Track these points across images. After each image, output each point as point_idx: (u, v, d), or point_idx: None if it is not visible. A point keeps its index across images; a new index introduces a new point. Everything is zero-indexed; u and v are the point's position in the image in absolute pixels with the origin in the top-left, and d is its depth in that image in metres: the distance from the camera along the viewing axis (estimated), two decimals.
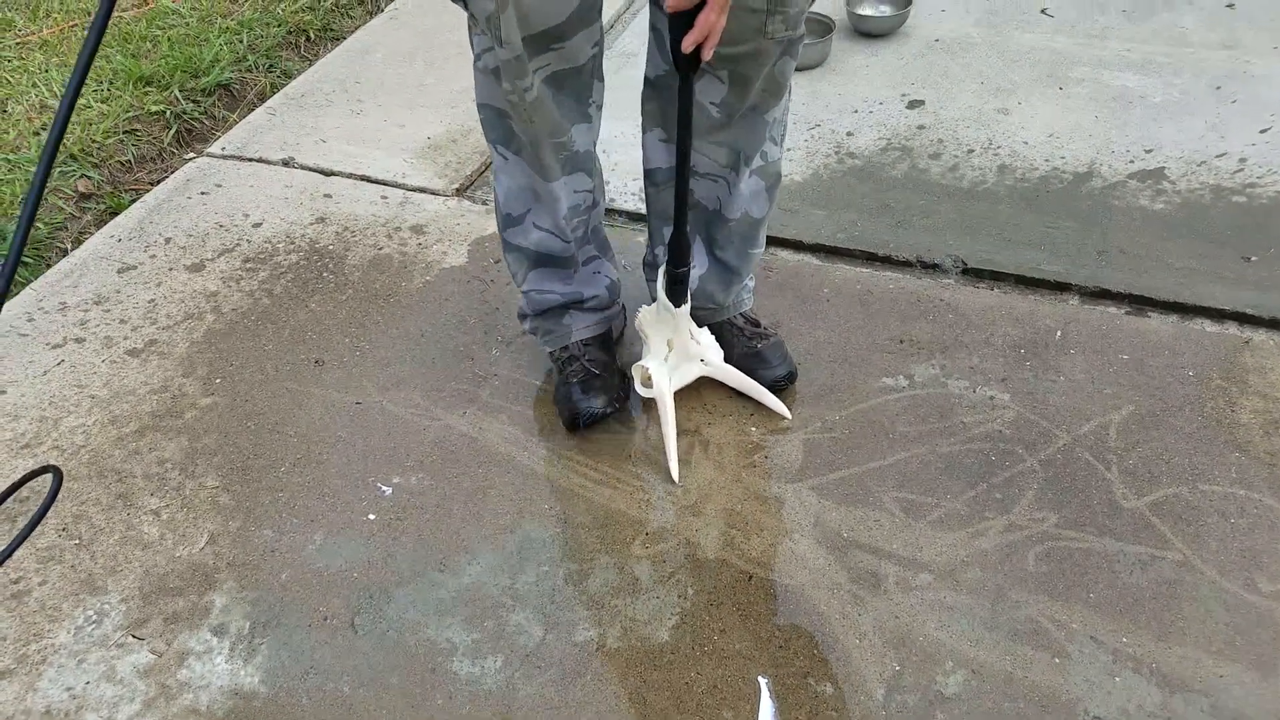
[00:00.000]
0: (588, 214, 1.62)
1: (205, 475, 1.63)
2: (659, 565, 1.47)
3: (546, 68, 1.35)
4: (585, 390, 1.66)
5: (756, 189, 1.59)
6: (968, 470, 1.58)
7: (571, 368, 1.69)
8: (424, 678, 1.35)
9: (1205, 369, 1.72)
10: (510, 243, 1.64)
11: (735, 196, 1.58)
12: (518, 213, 1.59)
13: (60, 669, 1.38)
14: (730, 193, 1.57)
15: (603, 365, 1.70)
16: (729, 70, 1.40)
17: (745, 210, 1.60)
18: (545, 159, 1.48)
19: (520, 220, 1.60)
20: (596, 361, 1.69)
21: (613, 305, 1.77)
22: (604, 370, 1.69)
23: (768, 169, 1.57)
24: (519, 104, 1.38)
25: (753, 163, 1.54)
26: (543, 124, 1.42)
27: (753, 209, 1.61)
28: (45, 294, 1.98)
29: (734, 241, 1.65)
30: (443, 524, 1.55)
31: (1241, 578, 1.40)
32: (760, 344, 1.73)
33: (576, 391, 1.66)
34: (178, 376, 1.81)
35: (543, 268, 1.66)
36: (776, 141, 1.55)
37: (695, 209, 1.62)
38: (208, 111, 2.61)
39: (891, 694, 1.30)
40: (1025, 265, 1.97)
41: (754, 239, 1.66)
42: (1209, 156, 2.23)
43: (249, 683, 1.36)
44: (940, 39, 2.76)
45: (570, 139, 1.47)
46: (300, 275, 2.02)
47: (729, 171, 1.55)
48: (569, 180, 1.53)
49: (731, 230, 1.63)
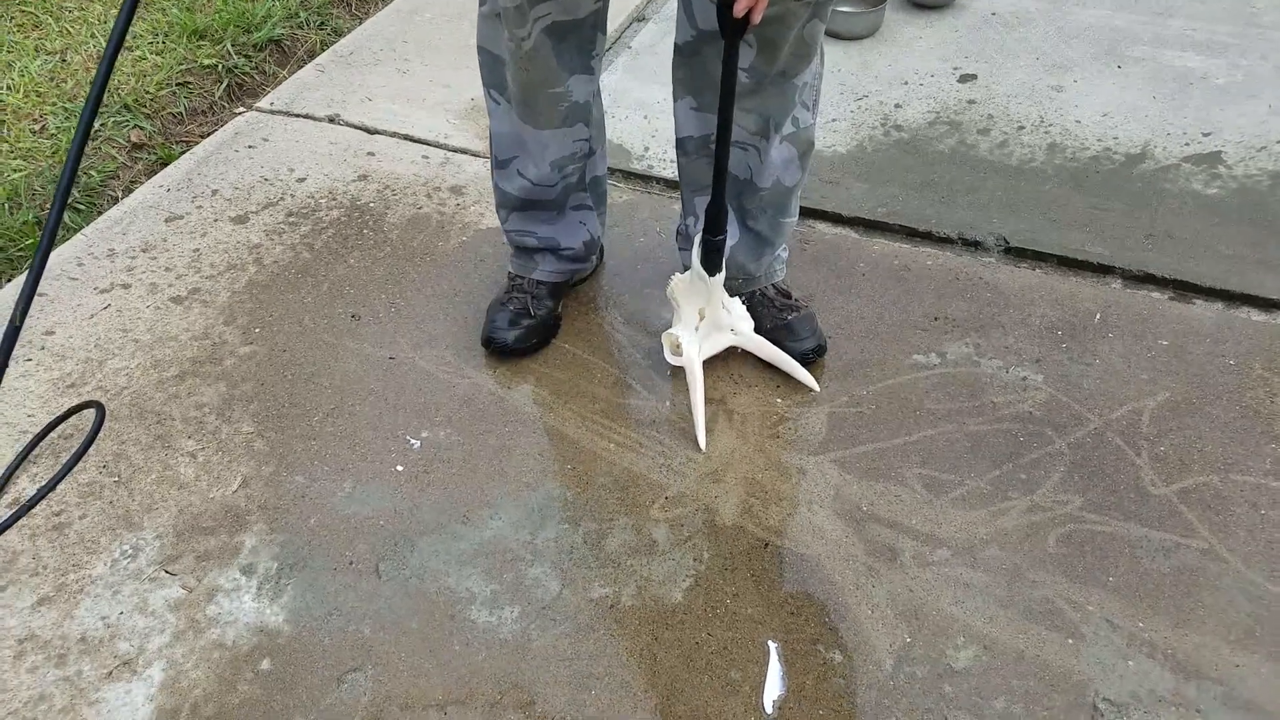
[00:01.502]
0: (583, 161, 1.66)
1: (241, 421, 1.68)
2: (676, 529, 1.49)
3: (546, 17, 1.36)
4: (512, 323, 1.73)
5: (788, 156, 1.58)
6: (994, 450, 1.56)
7: (515, 295, 1.77)
8: (443, 624, 1.39)
9: (1247, 358, 1.67)
10: (497, 184, 1.71)
11: (766, 164, 1.57)
12: (504, 157, 1.65)
13: (96, 599, 1.43)
14: (761, 160, 1.56)
15: (542, 308, 1.76)
16: (756, 34, 1.39)
17: (777, 178, 1.59)
18: (539, 107, 1.51)
19: (506, 165, 1.66)
20: (539, 303, 1.76)
21: (585, 260, 1.81)
22: (540, 312, 1.76)
23: (799, 135, 1.56)
24: (516, 52, 1.40)
25: (783, 129, 1.53)
26: (537, 73, 1.44)
27: (784, 177, 1.60)
28: (95, 240, 2.04)
29: (766, 211, 1.64)
30: (468, 478, 1.58)
31: (1267, 569, 1.37)
32: (790, 316, 1.72)
33: (503, 318, 1.74)
34: (219, 325, 1.85)
35: (525, 211, 1.72)
36: (808, 107, 1.53)
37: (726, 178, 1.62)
38: (258, 66, 2.65)
39: (901, 665, 1.30)
40: (1069, 246, 1.93)
41: (786, 208, 1.65)
42: (1270, 141, 2.16)
43: (274, 621, 1.40)
44: (997, 12, 2.70)
45: (568, 90, 1.48)
46: (341, 231, 2.06)
47: (759, 139, 1.54)
48: (568, 131, 1.55)
49: (763, 199, 1.62)
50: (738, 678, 1.30)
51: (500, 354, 1.75)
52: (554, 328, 1.80)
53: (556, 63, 1.44)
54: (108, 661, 1.36)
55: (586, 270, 1.87)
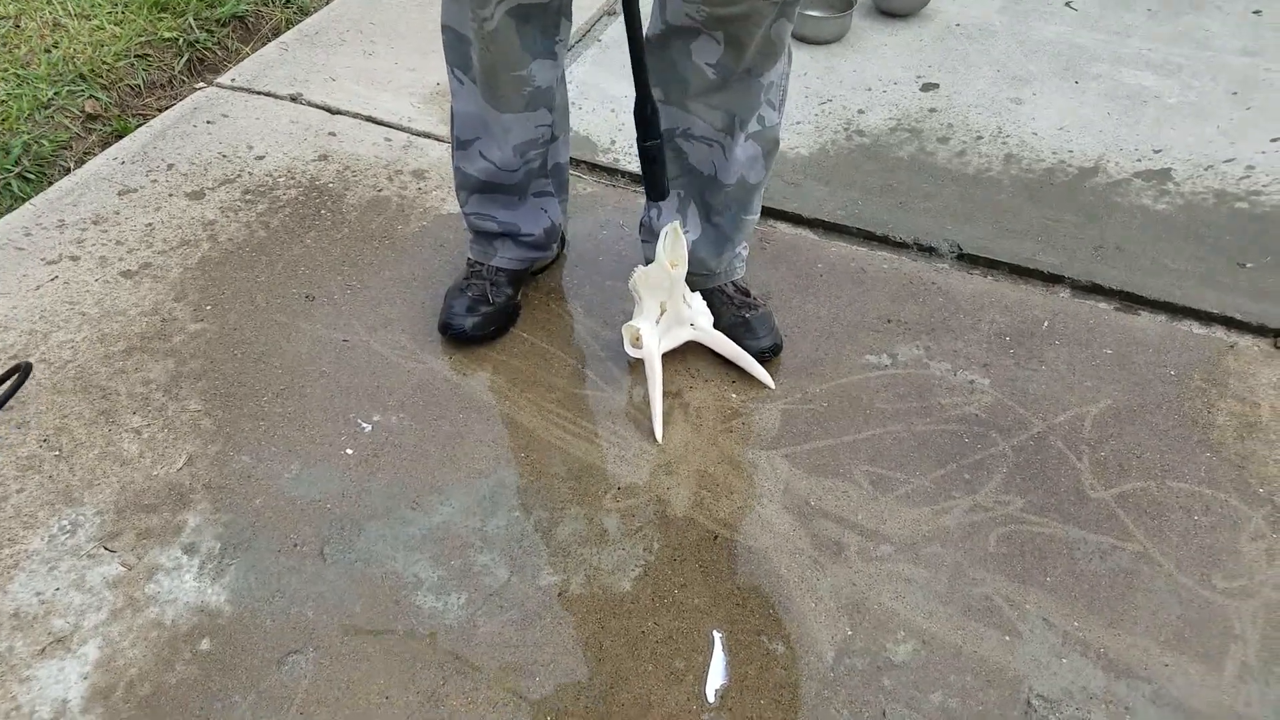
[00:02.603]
0: (545, 147, 1.65)
1: (189, 399, 1.65)
2: (628, 519, 1.49)
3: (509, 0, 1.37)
4: (470, 310, 1.73)
5: (753, 154, 1.59)
6: (940, 450, 1.59)
7: (474, 281, 1.76)
8: (387, 608, 1.38)
9: (1188, 369, 1.72)
10: (457, 166, 1.69)
11: (731, 161, 1.58)
12: (466, 138, 1.64)
13: (31, 574, 1.40)
14: (726, 157, 1.57)
15: (501, 296, 1.76)
16: (724, 31, 1.40)
17: (741, 175, 1.60)
18: (502, 90, 1.51)
19: (467, 147, 1.65)
20: (498, 290, 1.76)
21: (546, 248, 1.81)
22: (498, 300, 1.75)
23: (764, 134, 1.57)
24: (479, 31, 1.40)
25: (749, 127, 1.54)
26: (499, 55, 1.44)
27: (749, 175, 1.61)
28: (44, 210, 1.99)
29: (730, 207, 1.65)
30: (419, 464, 1.57)
31: (1198, 573, 1.41)
32: (749, 314, 1.73)
33: (461, 304, 1.73)
34: (169, 301, 1.82)
35: (485, 194, 1.71)
36: (774, 106, 1.55)
37: (690, 174, 1.63)
38: (220, 42, 2.60)
39: (841, 657, 1.32)
40: (1020, 255, 1.97)
41: (749, 205, 1.66)
42: (1217, 161, 2.22)
43: (215, 601, 1.38)
44: (961, 24, 2.74)
45: (530, 74, 1.48)
46: (298, 210, 2.03)
47: (724, 135, 1.55)
48: (530, 115, 1.55)
49: (728, 195, 1.63)
50: (682, 667, 1.31)
51: (457, 341, 1.74)
52: (513, 315, 1.79)
53: (520, 45, 1.44)
54: (41, 638, 1.33)
55: (547, 258, 1.87)
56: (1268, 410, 1.64)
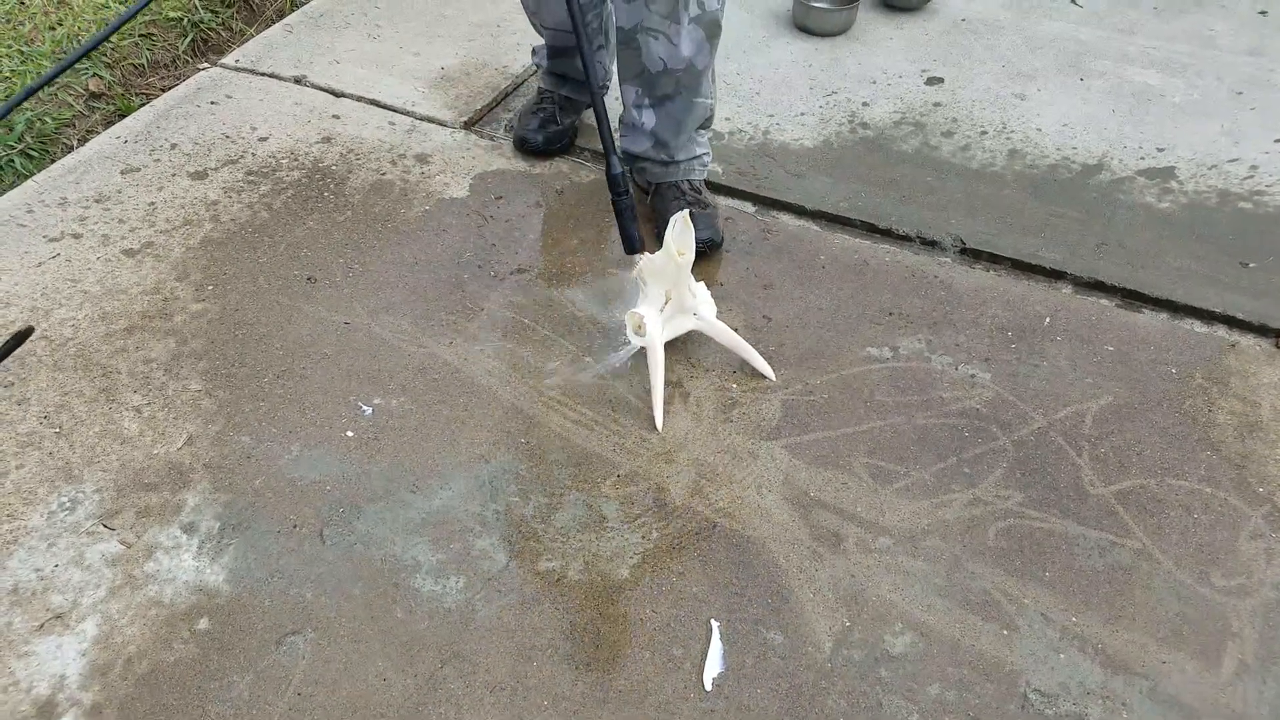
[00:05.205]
0: (600, 7, 1.96)
1: (190, 378, 1.65)
2: (627, 506, 1.49)
3: None
4: (541, 126, 2.10)
5: (698, 39, 1.76)
6: (940, 443, 1.59)
7: (544, 105, 2.13)
8: (386, 591, 1.38)
9: (1189, 367, 1.72)
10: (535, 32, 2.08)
11: (679, 47, 1.75)
12: (531, 9, 2.01)
13: (30, 550, 1.40)
14: (674, 43, 1.74)
15: (566, 120, 2.13)
16: None
17: (690, 61, 1.77)
18: None
19: (535, 15, 2.02)
20: (565, 114, 2.13)
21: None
22: (566, 122, 2.13)
23: (704, 18, 1.74)
24: None
25: (690, 9, 1.71)
26: None
27: (696, 60, 1.78)
28: (47, 188, 1.99)
29: (681, 92, 1.83)
30: (419, 447, 1.57)
31: (1196, 571, 1.42)
32: (696, 209, 1.88)
33: (534, 123, 2.11)
34: (171, 280, 1.82)
35: (556, 59, 2.08)
36: None
37: (643, 75, 1.83)
38: (225, 23, 2.59)
39: (839, 648, 1.32)
40: (1023, 250, 1.97)
41: (698, 88, 1.83)
42: (1220, 160, 2.22)
43: (213, 580, 1.38)
44: (967, 18, 2.74)
45: None
46: (301, 192, 2.03)
47: (669, 23, 1.72)
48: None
49: (679, 81, 1.80)
50: (679, 654, 1.32)
51: (532, 152, 2.10)
52: (573, 137, 2.16)
53: None
54: (40, 614, 1.33)
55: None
56: (1268, 410, 1.65)
